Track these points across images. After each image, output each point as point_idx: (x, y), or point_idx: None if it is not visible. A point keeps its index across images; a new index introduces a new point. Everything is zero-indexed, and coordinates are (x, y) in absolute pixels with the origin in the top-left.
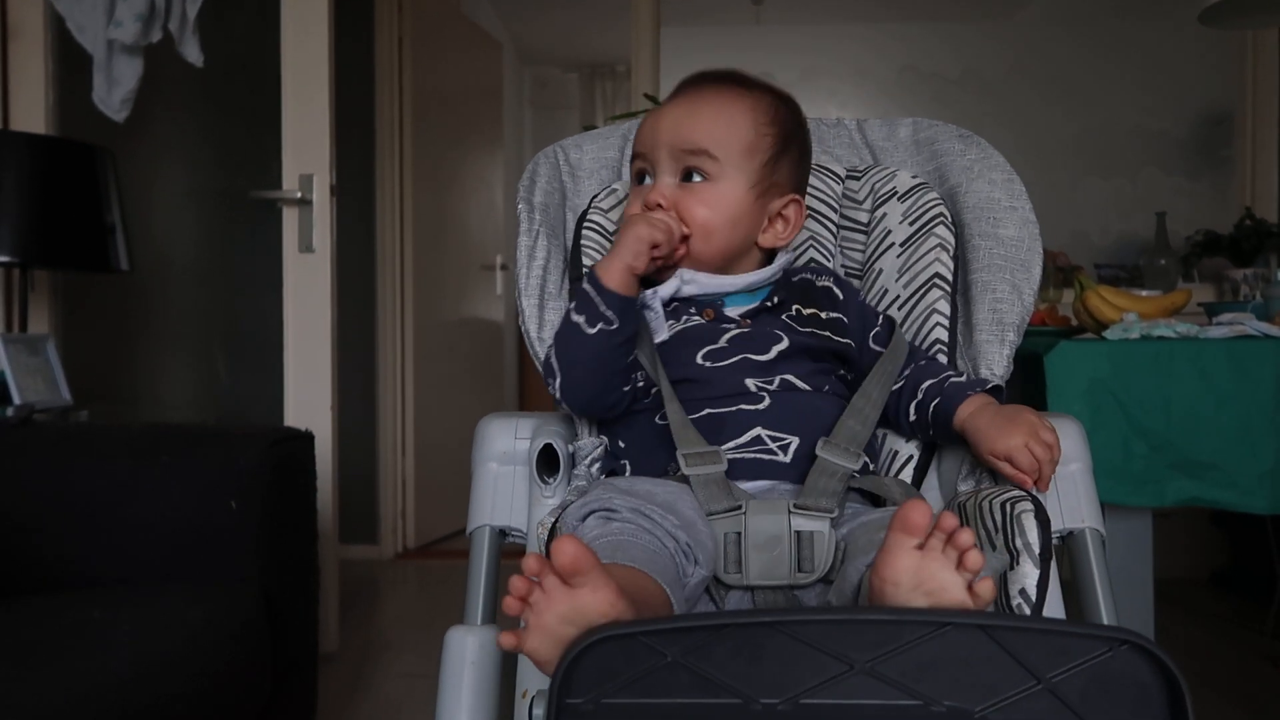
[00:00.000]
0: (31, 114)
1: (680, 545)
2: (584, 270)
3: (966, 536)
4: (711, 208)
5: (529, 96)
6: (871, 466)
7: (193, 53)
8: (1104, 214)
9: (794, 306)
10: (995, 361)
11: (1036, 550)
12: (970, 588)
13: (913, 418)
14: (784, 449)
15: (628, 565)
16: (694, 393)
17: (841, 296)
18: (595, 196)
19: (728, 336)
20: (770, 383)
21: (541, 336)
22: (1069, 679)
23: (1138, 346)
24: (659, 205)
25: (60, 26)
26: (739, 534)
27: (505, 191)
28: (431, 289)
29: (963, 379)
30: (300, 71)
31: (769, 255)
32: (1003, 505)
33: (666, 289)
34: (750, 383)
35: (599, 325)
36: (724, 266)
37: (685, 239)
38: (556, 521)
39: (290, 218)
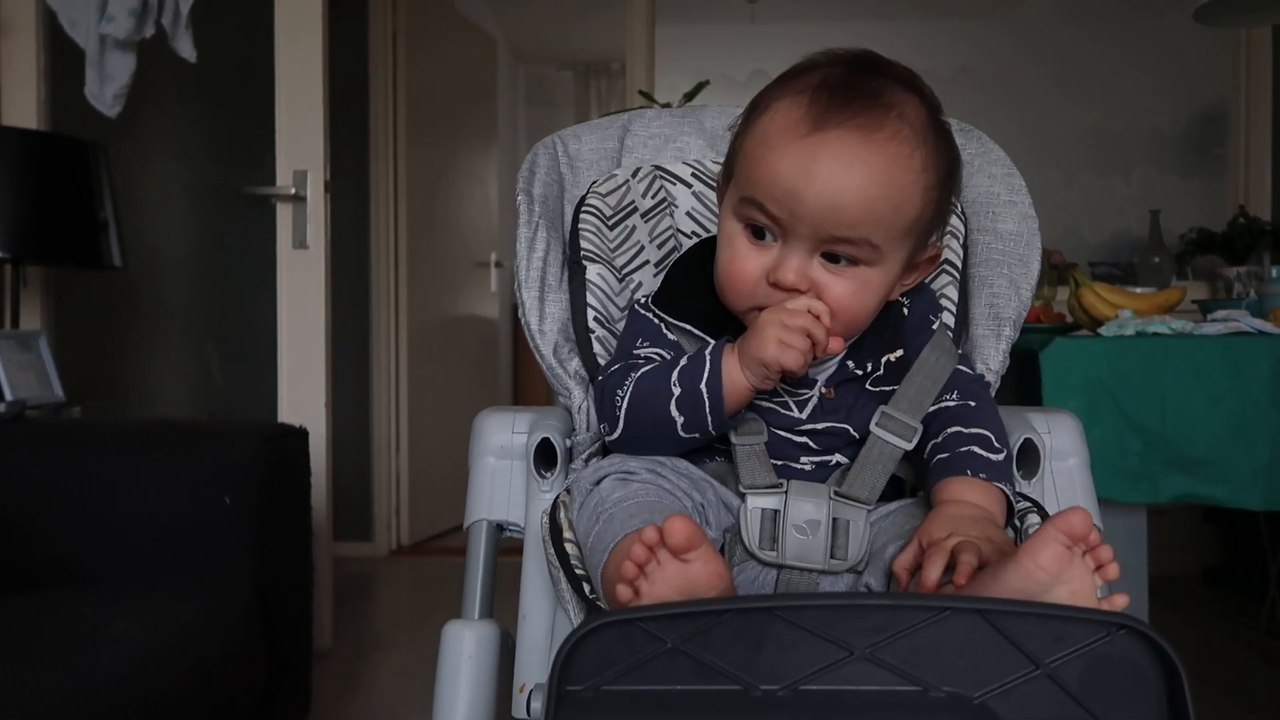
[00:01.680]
0: (23, 109)
1: (695, 505)
2: (581, 253)
3: (1107, 552)
4: (862, 296)
5: (523, 93)
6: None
7: (186, 48)
8: (1098, 212)
9: (882, 359)
10: (991, 356)
11: None
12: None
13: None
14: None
15: None
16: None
17: (907, 330)
18: (595, 182)
19: (799, 427)
20: (825, 462)
21: (542, 329)
22: (1067, 664)
23: (1133, 343)
24: (795, 288)
25: (52, 21)
26: (776, 512)
27: (500, 189)
28: (426, 286)
29: (983, 454)
30: (294, 67)
31: None
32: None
33: None
34: (805, 460)
35: (696, 433)
36: None
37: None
38: (559, 497)
39: (284, 214)
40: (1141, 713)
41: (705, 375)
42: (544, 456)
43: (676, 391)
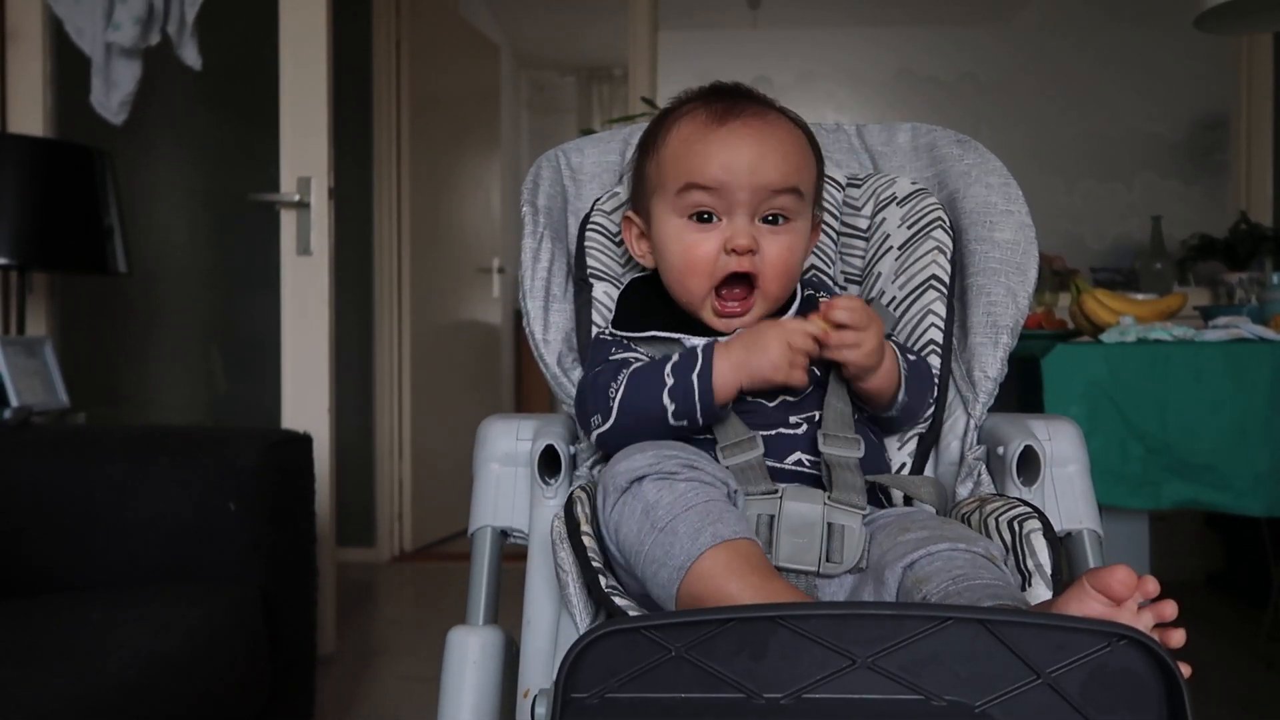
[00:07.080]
0: (30, 116)
1: (730, 490)
2: (588, 271)
3: (1170, 609)
4: (794, 251)
5: (526, 100)
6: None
7: (191, 56)
8: (1100, 218)
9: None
10: (989, 364)
11: (1048, 571)
12: None
13: None
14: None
15: (751, 539)
16: (740, 415)
17: None
18: (598, 200)
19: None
20: (810, 417)
21: (546, 338)
22: (1068, 673)
23: (1134, 350)
24: (748, 250)
25: (59, 29)
26: (772, 516)
27: (502, 195)
28: (429, 292)
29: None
30: (298, 74)
31: None
32: (1010, 524)
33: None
34: (791, 417)
35: (684, 421)
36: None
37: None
38: (574, 494)
39: (288, 220)
40: None
41: (698, 366)
42: (548, 463)
43: (669, 382)
